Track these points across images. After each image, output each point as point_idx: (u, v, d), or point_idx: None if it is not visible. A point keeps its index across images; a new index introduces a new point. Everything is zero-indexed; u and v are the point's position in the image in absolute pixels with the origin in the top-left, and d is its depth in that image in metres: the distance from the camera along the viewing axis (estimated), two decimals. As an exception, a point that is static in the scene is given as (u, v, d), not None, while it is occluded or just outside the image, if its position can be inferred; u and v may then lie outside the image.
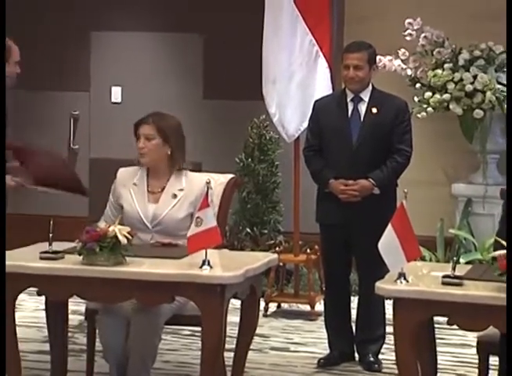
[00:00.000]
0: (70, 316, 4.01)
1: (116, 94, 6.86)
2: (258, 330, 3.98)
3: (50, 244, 3.55)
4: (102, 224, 3.73)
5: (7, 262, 3.50)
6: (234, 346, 3.85)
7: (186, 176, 3.97)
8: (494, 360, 3.45)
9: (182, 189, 3.93)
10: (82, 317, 4.24)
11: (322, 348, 4.66)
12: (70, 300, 3.73)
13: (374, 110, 4.38)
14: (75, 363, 4.25)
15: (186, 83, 6.76)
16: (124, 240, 3.44)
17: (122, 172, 4.04)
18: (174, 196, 3.92)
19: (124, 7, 6.77)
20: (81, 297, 3.54)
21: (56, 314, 3.88)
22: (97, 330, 3.81)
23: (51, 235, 3.53)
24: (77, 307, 4.46)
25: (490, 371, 3.51)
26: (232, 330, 3.87)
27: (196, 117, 6.59)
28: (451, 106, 5.75)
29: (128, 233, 3.49)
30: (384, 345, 4.48)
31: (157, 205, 3.91)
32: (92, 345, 3.99)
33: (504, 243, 3.09)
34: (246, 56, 6.11)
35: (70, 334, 4.17)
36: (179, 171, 3.96)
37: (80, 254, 3.48)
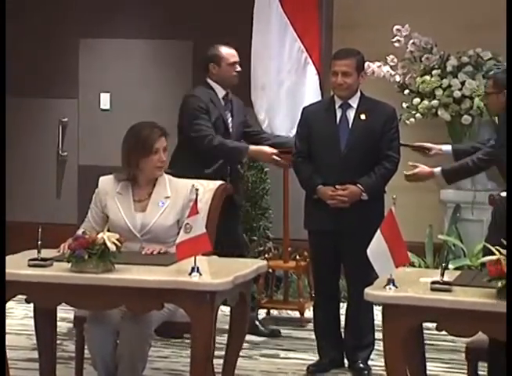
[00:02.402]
0: (59, 324, 3.99)
1: (105, 101, 6.85)
2: (248, 337, 3.98)
3: (39, 252, 3.54)
4: (80, 232, 3.69)
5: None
6: (224, 353, 3.84)
7: (170, 182, 3.97)
8: (483, 366, 3.46)
9: (168, 197, 3.93)
10: (71, 325, 4.23)
11: (312, 355, 4.66)
12: (58, 307, 3.71)
13: (363, 117, 4.39)
14: (64, 370, 4.24)
15: (176, 90, 6.75)
16: (112, 247, 3.44)
17: (104, 181, 4.01)
18: (162, 204, 3.92)
19: (112, 14, 6.77)
20: (69, 304, 3.53)
21: (45, 321, 3.86)
22: (85, 339, 3.80)
23: (39, 242, 3.52)
24: (66, 314, 4.45)
25: (479, 377, 3.52)
26: (221, 337, 3.87)
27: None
28: (439, 113, 5.78)
29: (117, 240, 3.48)
30: (374, 351, 4.49)
31: (145, 214, 3.91)
32: (81, 353, 3.98)
33: (493, 249, 3.10)
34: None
35: (58, 342, 4.16)
36: (161, 176, 3.97)
37: (68, 262, 3.47)
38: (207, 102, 4.89)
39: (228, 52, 5.00)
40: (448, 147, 4.83)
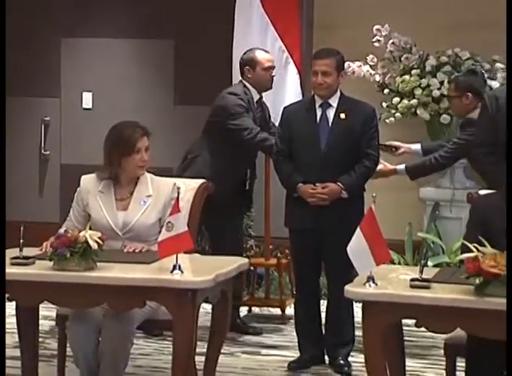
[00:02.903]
0: (41, 322, 4.00)
1: (87, 100, 6.86)
2: (229, 334, 4.00)
3: (21, 250, 3.55)
4: (62, 230, 3.70)
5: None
6: (205, 350, 3.87)
7: (152, 181, 4.00)
8: (461, 362, 3.50)
9: (149, 196, 3.96)
10: (53, 322, 4.24)
11: (293, 352, 4.69)
12: (40, 305, 3.72)
13: (342, 116, 4.43)
14: (46, 368, 4.25)
15: (157, 89, 6.77)
16: (94, 246, 3.45)
17: (85, 180, 4.03)
18: (143, 202, 3.94)
19: (94, 13, 6.78)
20: (51, 302, 3.54)
21: (27, 319, 3.87)
22: (67, 337, 3.81)
23: (22, 241, 3.53)
24: (48, 312, 4.45)
25: (457, 373, 3.55)
26: (204, 334, 3.90)
27: (167, 123, 6.61)
28: (418, 112, 5.82)
29: (99, 238, 3.50)
30: (354, 348, 4.52)
31: (127, 212, 3.92)
32: (63, 351, 3.99)
33: (471, 246, 3.14)
34: (217, 62, 6.14)
35: (40, 340, 4.16)
36: (143, 175, 3.99)
37: (51, 260, 3.48)
38: (246, 102, 4.90)
39: (263, 57, 4.96)
40: (417, 146, 4.93)
